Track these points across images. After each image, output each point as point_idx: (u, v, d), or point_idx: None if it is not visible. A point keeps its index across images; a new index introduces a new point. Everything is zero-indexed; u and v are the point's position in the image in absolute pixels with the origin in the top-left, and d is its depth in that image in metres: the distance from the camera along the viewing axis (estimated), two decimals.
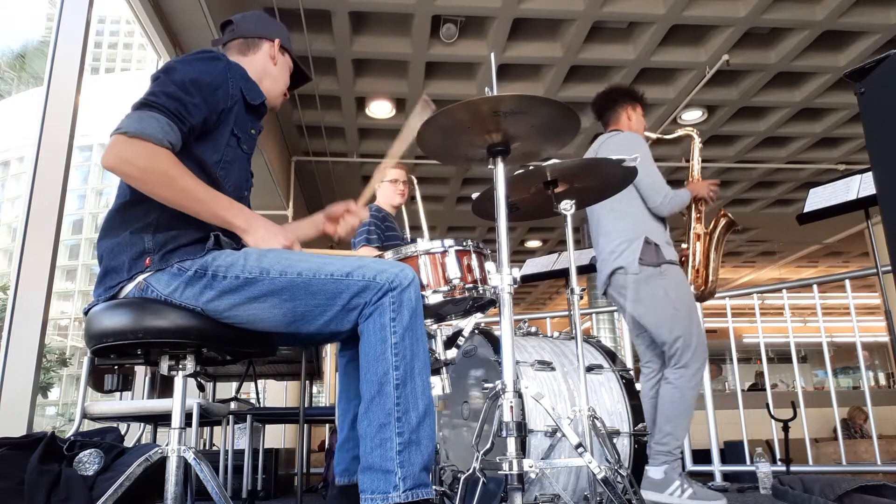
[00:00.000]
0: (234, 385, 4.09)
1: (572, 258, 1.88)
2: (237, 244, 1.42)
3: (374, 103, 5.75)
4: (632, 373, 2.24)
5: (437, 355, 1.72)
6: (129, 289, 1.36)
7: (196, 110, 1.38)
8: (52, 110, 2.63)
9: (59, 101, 2.65)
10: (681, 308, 2.59)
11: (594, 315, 7.94)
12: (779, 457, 3.62)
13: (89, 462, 1.95)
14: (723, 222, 2.90)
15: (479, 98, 1.47)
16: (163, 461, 1.36)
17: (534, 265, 3.86)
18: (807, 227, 3.32)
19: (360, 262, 1.38)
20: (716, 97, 5.77)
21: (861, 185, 2.88)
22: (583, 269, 3.29)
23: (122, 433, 2.45)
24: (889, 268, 2.97)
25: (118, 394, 3.16)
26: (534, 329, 2.37)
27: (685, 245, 2.90)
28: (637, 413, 2.10)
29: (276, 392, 5.50)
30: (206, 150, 1.44)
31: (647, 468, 2.41)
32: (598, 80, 5.33)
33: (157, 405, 2.72)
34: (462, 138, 1.63)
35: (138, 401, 3.17)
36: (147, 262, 1.35)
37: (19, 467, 1.83)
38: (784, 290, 4.14)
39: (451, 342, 1.84)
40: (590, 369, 2.10)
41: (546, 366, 2.04)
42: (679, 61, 5.22)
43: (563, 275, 3.59)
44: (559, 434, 1.80)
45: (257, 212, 1.43)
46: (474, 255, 1.65)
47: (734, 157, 6.99)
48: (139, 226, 1.37)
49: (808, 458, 3.70)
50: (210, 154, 1.44)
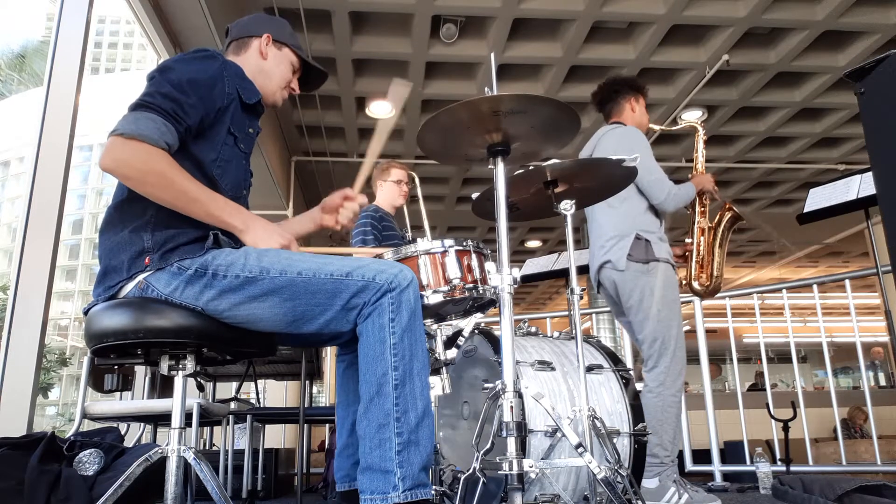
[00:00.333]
0: (234, 385, 4.09)
1: (572, 258, 1.88)
2: (236, 243, 1.42)
3: (374, 103, 5.75)
4: (632, 373, 2.24)
5: (437, 355, 1.72)
6: (128, 288, 1.36)
7: (192, 110, 1.37)
8: (52, 110, 2.64)
9: (59, 101, 2.65)
10: (663, 309, 2.52)
11: (594, 315, 7.96)
12: (779, 457, 3.62)
13: (89, 462, 1.95)
14: (728, 216, 2.82)
15: (479, 98, 1.46)
16: (163, 461, 1.36)
17: (534, 265, 3.86)
18: (807, 227, 3.31)
19: (360, 262, 1.38)
20: (716, 97, 5.76)
21: (861, 185, 2.87)
22: (583, 269, 3.28)
23: (122, 433, 2.44)
24: (889, 268, 2.97)
25: (118, 394, 3.16)
26: (534, 329, 2.36)
27: (689, 240, 2.83)
28: (637, 413, 2.10)
29: (276, 392, 5.51)
30: (202, 148, 1.43)
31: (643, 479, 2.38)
32: (598, 80, 5.20)
33: (157, 405, 2.72)
34: (462, 138, 1.62)
35: (138, 401, 3.16)
36: (146, 261, 1.35)
37: (19, 467, 1.83)
38: (784, 290, 4.14)
39: (451, 342, 1.84)
40: (590, 369, 2.09)
41: (546, 366, 2.04)
42: (679, 61, 5.21)
43: (563, 275, 3.59)
44: (559, 434, 1.80)
45: (257, 212, 1.43)
46: (474, 255, 1.65)
47: (734, 157, 6.99)
48: (137, 223, 1.37)
49: (808, 458, 3.70)
50: (207, 153, 1.44)
